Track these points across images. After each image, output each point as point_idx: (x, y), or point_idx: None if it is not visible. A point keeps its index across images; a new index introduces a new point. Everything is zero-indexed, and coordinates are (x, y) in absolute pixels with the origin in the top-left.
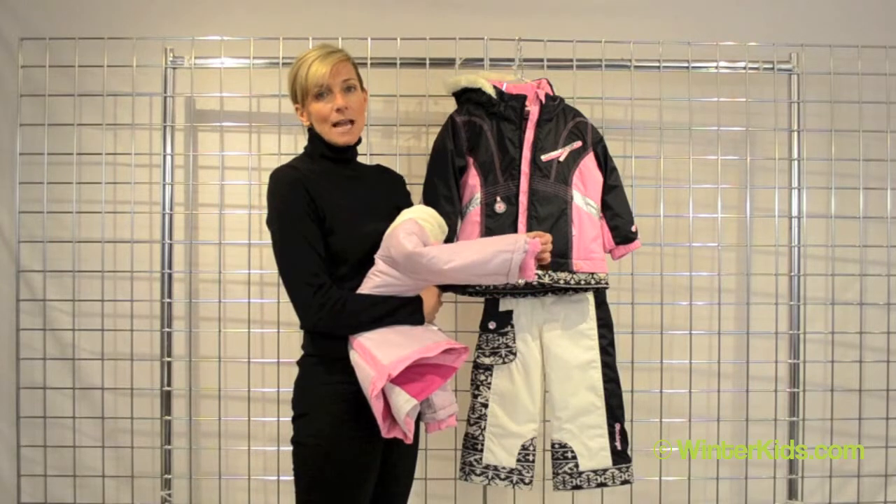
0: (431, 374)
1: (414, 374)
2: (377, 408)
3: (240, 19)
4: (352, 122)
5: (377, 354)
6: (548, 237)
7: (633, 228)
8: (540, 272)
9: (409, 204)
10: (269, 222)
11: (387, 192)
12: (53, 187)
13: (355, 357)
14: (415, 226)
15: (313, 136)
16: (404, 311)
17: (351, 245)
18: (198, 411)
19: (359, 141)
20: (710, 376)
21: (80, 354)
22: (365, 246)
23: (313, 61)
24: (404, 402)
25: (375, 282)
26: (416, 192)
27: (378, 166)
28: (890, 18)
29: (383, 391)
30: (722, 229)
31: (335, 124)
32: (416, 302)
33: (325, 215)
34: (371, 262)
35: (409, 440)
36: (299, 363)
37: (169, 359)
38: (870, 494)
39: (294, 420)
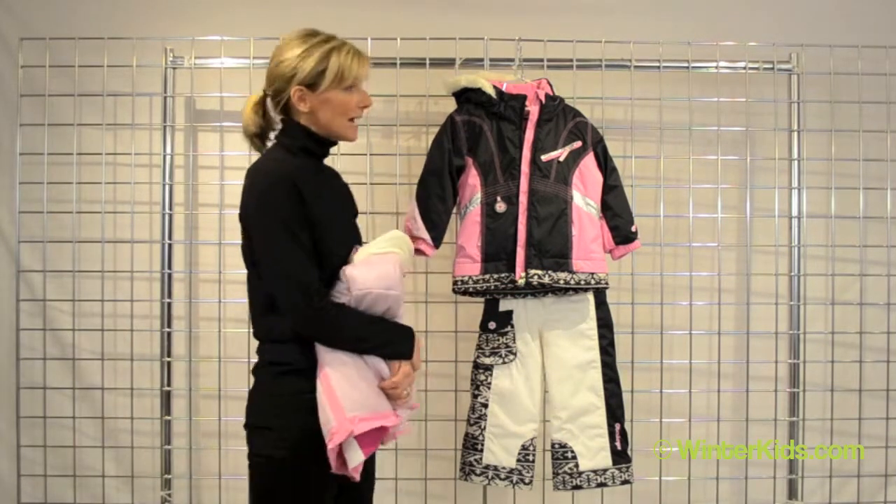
0: (376, 433)
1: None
2: (332, 452)
3: (240, 19)
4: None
5: (341, 401)
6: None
7: (633, 228)
8: (540, 272)
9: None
10: (257, 222)
11: (349, 190)
12: (53, 187)
13: (319, 388)
14: (400, 263)
15: (296, 129)
16: (398, 341)
17: (339, 246)
18: (198, 411)
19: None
20: (710, 376)
21: (80, 354)
22: (350, 247)
23: (352, 49)
24: (354, 456)
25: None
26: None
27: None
28: (890, 18)
29: None
30: (722, 229)
31: (352, 119)
32: (409, 333)
33: (316, 215)
34: None
35: (357, 479)
36: (257, 372)
37: (169, 359)
38: (870, 494)
39: (255, 431)
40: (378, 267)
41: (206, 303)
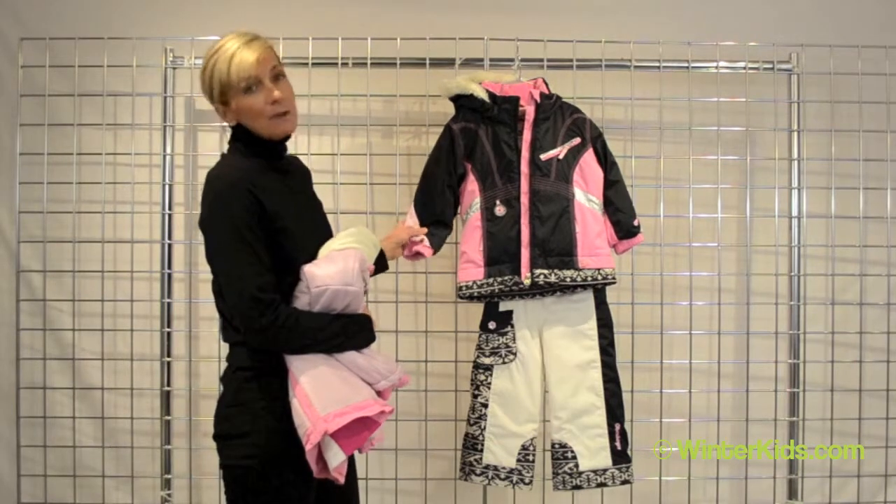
0: (360, 427)
1: (345, 426)
2: (311, 454)
3: (240, 20)
4: (287, 112)
5: (313, 400)
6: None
7: (636, 222)
8: (546, 271)
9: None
10: (209, 228)
11: (310, 184)
12: (53, 187)
13: (290, 392)
14: (360, 259)
15: (241, 133)
16: (356, 334)
17: (306, 249)
18: (198, 411)
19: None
20: (710, 376)
21: (80, 354)
22: (316, 245)
23: (236, 51)
24: (334, 456)
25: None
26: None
27: (291, 156)
28: (890, 18)
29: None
30: (722, 229)
31: (272, 116)
32: (366, 322)
33: (277, 220)
34: None
35: (342, 482)
36: (225, 378)
37: (169, 359)
38: (870, 494)
39: (227, 441)
40: (337, 263)
41: (206, 303)
